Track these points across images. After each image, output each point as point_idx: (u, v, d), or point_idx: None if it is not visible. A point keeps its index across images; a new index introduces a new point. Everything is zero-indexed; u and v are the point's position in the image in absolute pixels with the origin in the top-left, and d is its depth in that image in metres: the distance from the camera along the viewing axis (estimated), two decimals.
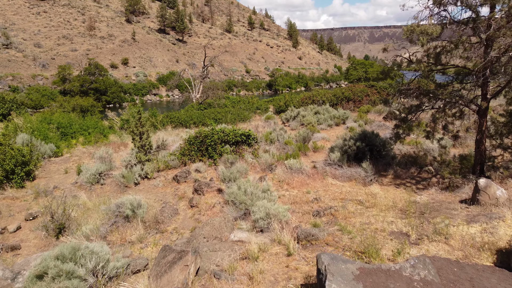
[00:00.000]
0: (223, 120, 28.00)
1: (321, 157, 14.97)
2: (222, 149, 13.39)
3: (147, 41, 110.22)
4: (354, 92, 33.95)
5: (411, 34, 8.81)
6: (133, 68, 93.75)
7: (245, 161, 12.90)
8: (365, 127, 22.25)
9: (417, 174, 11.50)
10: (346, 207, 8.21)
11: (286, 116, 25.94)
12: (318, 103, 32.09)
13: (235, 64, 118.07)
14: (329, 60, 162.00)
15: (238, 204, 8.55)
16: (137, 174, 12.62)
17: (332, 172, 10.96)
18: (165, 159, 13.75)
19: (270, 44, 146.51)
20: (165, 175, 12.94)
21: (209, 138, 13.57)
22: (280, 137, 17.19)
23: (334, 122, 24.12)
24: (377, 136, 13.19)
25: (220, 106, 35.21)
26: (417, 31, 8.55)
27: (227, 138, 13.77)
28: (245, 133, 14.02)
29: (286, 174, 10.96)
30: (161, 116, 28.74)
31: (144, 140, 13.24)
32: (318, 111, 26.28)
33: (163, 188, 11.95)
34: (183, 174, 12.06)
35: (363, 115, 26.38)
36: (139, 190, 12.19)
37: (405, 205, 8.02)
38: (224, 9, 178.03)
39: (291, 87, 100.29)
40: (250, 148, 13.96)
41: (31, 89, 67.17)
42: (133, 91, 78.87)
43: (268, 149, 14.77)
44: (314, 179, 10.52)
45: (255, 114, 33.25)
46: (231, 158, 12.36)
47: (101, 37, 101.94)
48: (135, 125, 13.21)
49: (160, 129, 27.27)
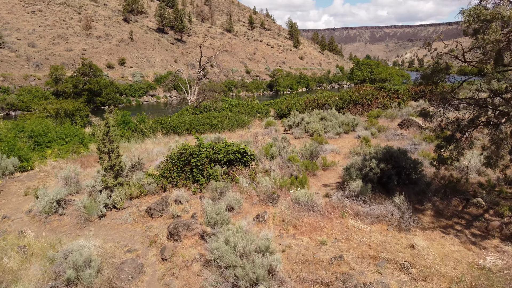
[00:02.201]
0: (219, 126, 25.32)
1: (333, 178, 12.27)
2: (211, 171, 10.70)
3: (145, 41, 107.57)
4: (362, 94, 31.23)
5: (475, 20, 6.06)
6: (130, 69, 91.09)
7: (239, 187, 10.20)
8: (379, 136, 19.55)
9: (462, 208, 8.79)
10: (384, 279, 5.49)
11: (289, 123, 23.23)
12: (323, 107, 29.38)
13: (235, 64, 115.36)
14: (331, 60, 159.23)
15: (224, 268, 5.86)
16: (102, 204, 9.93)
17: (353, 208, 8.26)
18: (141, 181, 11.07)
19: (271, 44, 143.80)
20: (138, 205, 10.25)
21: (195, 156, 10.88)
22: (282, 150, 14.50)
23: (342, 129, 21.42)
24: (405, 155, 10.48)
25: (216, 110, 32.51)
26: (486, 15, 5.81)
27: (217, 156, 11.08)
28: (239, 149, 11.33)
29: (292, 210, 8.26)
30: (151, 121, 26.07)
31: (114, 159, 10.56)
32: (324, 117, 23.58)
33: (132, 225, 9.26)
34: (159, 206, 9.38)
35: (374, 121, 23.68)
36: (103, 226, 9.51)
37: (474, 280, 5.32)
38: (224, 8, 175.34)
39: (293, 87, 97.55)
40: (246, 169, 11.27)
41: (23, 90, 64.58)
42: (129, 92, 76.19)
43: (268, 168, 12.08)
44: (329, 219, 7.83)
45: (254, 118, 30.56)
46: (221, 187, 9.65)
47: (97, 36, 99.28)
48: (102, 140, 10.52)
49: (150, 136, 24.60)
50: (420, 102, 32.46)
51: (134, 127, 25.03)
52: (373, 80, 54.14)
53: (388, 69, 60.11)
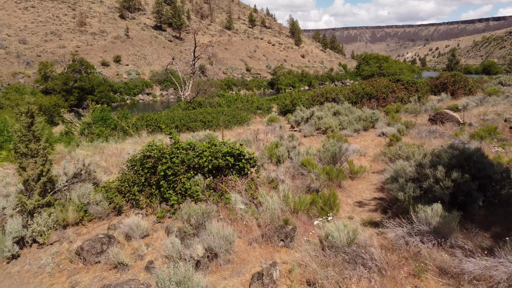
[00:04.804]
0: (214, 123, 21.63)
1: (367, 190, 8.58)
2: (188, 184, 6.99)
3: (142, 38, 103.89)
4: (376, 88, 27.50)
5: None
6: (126, 66, 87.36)
7: (231, 210, 6.47)
8: (409, 133, 15.84)
9: None
10: None
11: (296, 118, 19.50)
12: (334, 101, 25.65)
13: (235, 62, 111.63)
14: (333, 59, 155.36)
15: None
16: (13, 238, 6.26)
17: (436, 258, 4.55)
18: (86, 199, 7.36)
19: (271, 42, 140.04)
20: (73, 238, 6.55)
21: (164, 162, 7.17)
22: (292, 151, 10.80)
23: (361, 125, 17.72)
24: (486, 158, 6.79)
25: (212, 106, 28.81)
26: None
27: (198, 161, 7.39)
28: (232, 150, 7.62)
29: (323, 262, 4.56)
30: (135, 118, 22.36)
31: (39, 167, 6.89)
32: (338, 111, 19.85)
33: (52, 277, 5.57)
34: (97, 246, 5.68)
35: (396, 116, 19.97)
36: (8, 276, 5.82)
37: None
38: (224, 6, 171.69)
39: (294, 86, 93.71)
40: (242, 179, 7.56)
41: (10, 88, 60.82)
42: (123, 90, 72.33)
43: (275, 177, 8.39)
44: (395, 283, 4.16)
45: (255, 115, 26.85)
46: (198, 215, 5.91)
47: (92, 33, 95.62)
48: (20, 137, 6.84)
49: (132, 134, 20.93)
50: (442, 96, 28.74)
51: (114, 125, 21.35)
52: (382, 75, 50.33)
53: (398, 64, 56.27)
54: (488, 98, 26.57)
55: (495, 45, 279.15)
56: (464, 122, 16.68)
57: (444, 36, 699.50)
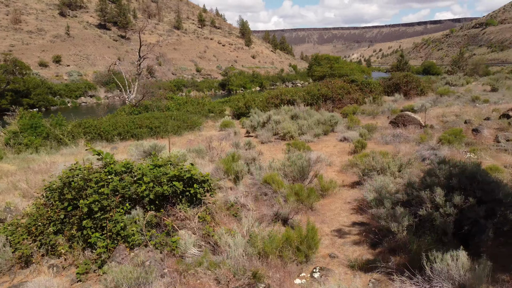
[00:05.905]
0: (162, 129, 19.68)
1: (343, 213, 7.30)
2: (122, 223, 5.30)
3: (84, 37, 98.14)
4: (332, 89, 26.80)
5: None
6: (67, 67, 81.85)
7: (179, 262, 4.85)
8: (373, 138, 14.93)
9: None
10: None
11: (252, 123, 18.07)
12: (289, 103, 24.55)
13: (184, 63, 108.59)
14: (283, 59, 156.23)
15: None
16: None
17: None
18: None
19: (222, 42, 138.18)
20: None
21: (89, 192, 5.41)
22: (252, 165, 9.33)
23: (321, 130, 16.65)
24: (491, 177, 5.70)
25: (160, 109, 26.71)
26: None
27: (136, 189, 5.70)
28: (181, 173, 6.00)
29: None
30: (71, 125, 19.85)
31: None
32: (296, 115, 18.69)
33: None
34: None
35: (355, 118, 19.18)
36: None
37: None
38: (173, 5, 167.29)
39: (246, 86, 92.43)
40: (195, 209, 5.97)
41: None
42: (64, 92, 67.24)
43: (234, 202, 6.88)
44: None
45: (207, 119, 25.14)
46: (130, 283, 4.26)
47: (28, 31, 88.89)
48: None
49: (68, 143, 18.49)
50: (396, 97, 28.65)
51: (46, 133, 18.78)
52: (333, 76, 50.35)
53: (349, 64, 56.68)
54: (440, 98, 26.73)
55: (433, 47, 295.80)
56: (426, 125, 16.08)
57: (387, 38, 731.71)
